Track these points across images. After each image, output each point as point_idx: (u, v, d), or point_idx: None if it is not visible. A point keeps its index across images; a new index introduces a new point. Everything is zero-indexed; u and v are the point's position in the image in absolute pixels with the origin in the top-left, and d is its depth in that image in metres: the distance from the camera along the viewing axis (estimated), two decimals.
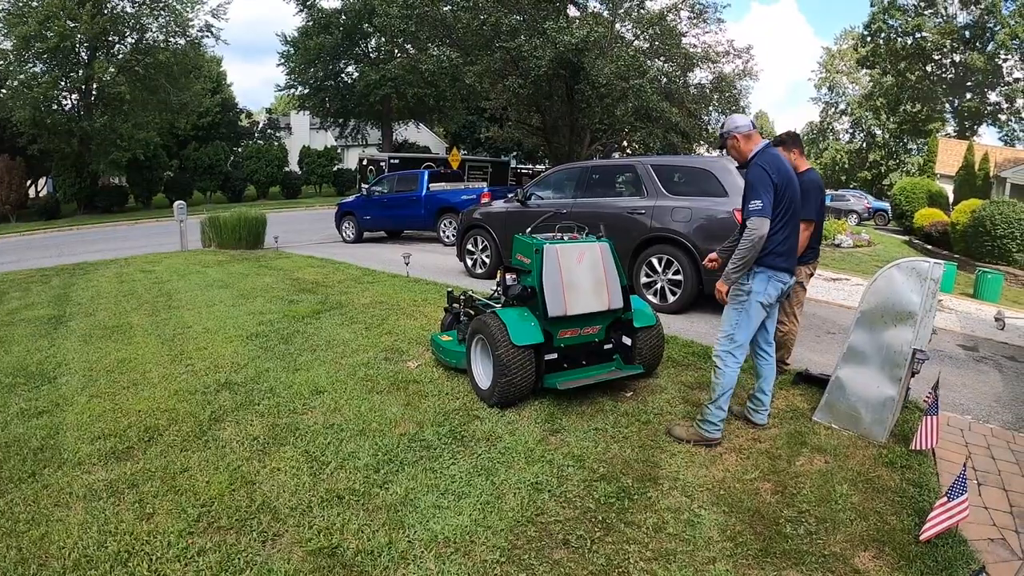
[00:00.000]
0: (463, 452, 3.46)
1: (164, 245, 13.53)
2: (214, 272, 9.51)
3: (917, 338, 3.64)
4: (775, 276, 3.53)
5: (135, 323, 6.39)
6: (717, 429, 3.54)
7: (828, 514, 2.91)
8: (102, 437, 3.61)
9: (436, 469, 3.26)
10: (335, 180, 35.71)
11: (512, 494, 3.02)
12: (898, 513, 2.95)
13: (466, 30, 17.85)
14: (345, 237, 14.99)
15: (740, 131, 3.59)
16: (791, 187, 3.54)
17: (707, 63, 21.98)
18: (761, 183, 3.40)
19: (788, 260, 3.58)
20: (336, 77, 33.19)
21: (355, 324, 6.12)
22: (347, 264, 10.27)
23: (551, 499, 2.99)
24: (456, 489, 3.07)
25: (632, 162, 7.92)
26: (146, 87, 25.05)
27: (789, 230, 3.56)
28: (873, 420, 3.70)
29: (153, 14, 25.38)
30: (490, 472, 3.23)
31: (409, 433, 3.66)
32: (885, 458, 3.47)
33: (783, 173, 3.49)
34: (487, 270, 9.12)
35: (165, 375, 4.70)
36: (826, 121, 52.90)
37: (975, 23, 32.20)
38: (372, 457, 3.36)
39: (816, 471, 3.31)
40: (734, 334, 3.53)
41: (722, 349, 3.56)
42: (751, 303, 3.51)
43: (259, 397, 4.21)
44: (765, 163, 3.46)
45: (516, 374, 3.88)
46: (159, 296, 7.73)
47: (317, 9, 31.63)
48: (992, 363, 5.87)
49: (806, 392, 4.43)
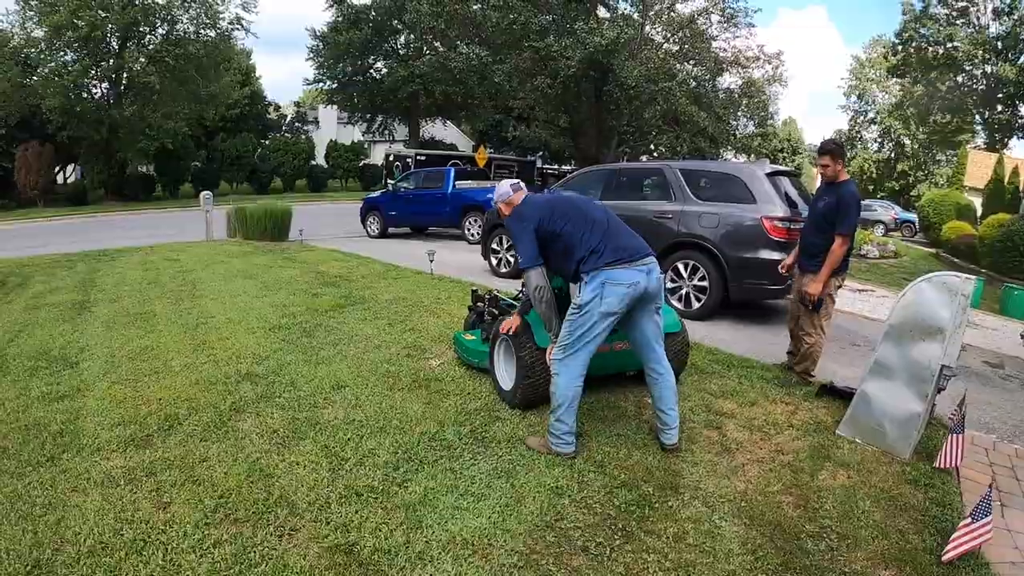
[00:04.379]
0: (484, 453, 3.40)
1: (189, 234, 13.65)
2: (238, 263, 9.55)
3: (945, 354, 3.57)
4: (613, 282, 3.26)
5: (158, 311, 6.41)
6: (565, 443, 3.34)
7: (850, 530, 2.87)
8: (122, 424, 3.60)
9: (456, 469, 3.21)
10: (361, 175, 35.86)
11: (532, 497, 2.97)
12: (920, 532, 2.90)
13: (495, 28, 17.80)
14: (370, 232, 15.00)
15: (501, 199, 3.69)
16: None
17: (737, 68, 21.78)
18: None
19: (616, 251, 3.33)
20: (364, 73, 33.37)
21: (378, 320, 6.09)
22: (371, 259, 10.27)
23: (571, 504, 2.93)
24: (476, 490, 3.02)
25: (660, 166, 7.87)
26: (176, 78, 25.33)
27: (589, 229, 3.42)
28: (898, 436, 3.64)
29: (184, 6, 25.66)
30: (510, 474, 3.17)
31: (430, 432, 3.60)
32: (909, 475, 3.42)
33: None
34: (512, 270, 9.09)
35: (187, 364, 4.69)
36: (855, 130, 52.07)
37: (1008, 34, 31.40)
38: (392, 455, 3.31)
39: (839, 486, 3.26)
40: (565, 343, 3.33)
41: (555, 358, 3.38)
42: (586, 313, 3.27)
43: (280, 390, 4.17)
44: None
45: (540, 376, 3.82)
46: (183, 285, 7.77)
47: (347, 5, 31.81)
48: (1018, 382, 5.75)
49: (830, 405, 4.34)
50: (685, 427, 3.82)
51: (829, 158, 4.60)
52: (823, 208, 4.58)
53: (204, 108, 27.97)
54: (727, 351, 5.58)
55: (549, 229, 3.44)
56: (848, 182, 4.62)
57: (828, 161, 4.61)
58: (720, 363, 5.21)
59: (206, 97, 26.91)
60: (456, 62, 18.15)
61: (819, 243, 4.58)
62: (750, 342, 6.11)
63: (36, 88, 23.75)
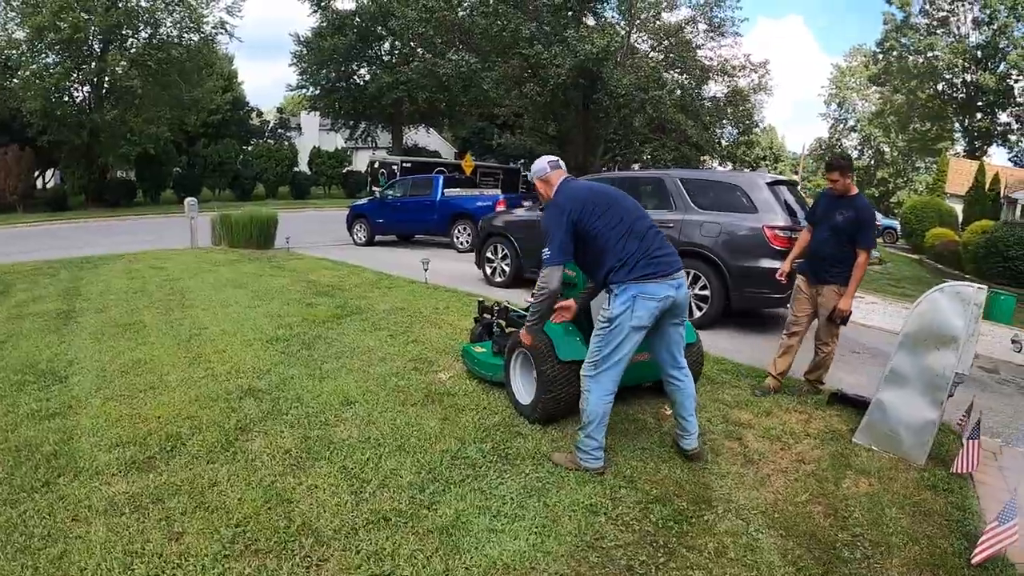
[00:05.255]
0: (510, 471, 3.26)
1: (172, 241, 13.32)
2: (226, 271, 9.30)
3: (960, 362, 3.64)
4: (644, 295, 3.15)
5: (148, 321, 6.17)
6: (594, 459, 3.26)
7: (881, 538, 2.90)
8: (120, 444, 3.37)
9: (484, 489, 3.06)
10: (344, 182, 35.57)
11: (567, 517, 2.87)
12: (947, 537, 2.94)
13: (484, 35, 17.72)
14: (356, 240, 14.84)
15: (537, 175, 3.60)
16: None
17: (723, 76, 21.90)
18: None
19: (649, 265, 3.20)
20: (348, 79, 33.11)
21: (378, 331, 5.91)
22: (361, 267, 10.09)
23: (607, 522, 2.85)
24: (509, 511, 2.88)
25: (660, 175, 7.84)
26: (158, 82, 24.87)
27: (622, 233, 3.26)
28: (914, 443, 3.69)
29: (168, 9, 25.23)
30: (541, 493, 3.05)
31: (451, 450, 3.45)
32: (927, 481, 3.46)
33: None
34: (507, 279, 8.97)
35: (184, 379, 4.46)
36: (835, 137, 52.88)
37: (987, 43, 32.14)
38: (415, 475, 3.14)
39: (863, 494, 3.28)
40: (596, 359, 3.23)
41: (584, 373, 3.29)
42: (616, 328, 3.16)
43: (286, 406, 3.97)
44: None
45: (561, 390, 3.73)
46: (171, 294, 7.51)
47: (332, 10, 31.57)
48: (1014, 386, 5.86)
49: (842, 413, 4.36)
50: (707, 438, 3.80)
51: (838, 173, 4.64)
52: (843, 222, 4.56)
53: (186, 113, 27.51)
54: (733, 360, 5.55)
55: (587, 226, 3.26)
56: (861, 195, 4.69)
57: (837, 176, 4.64)
58: (729, 372, 5.19)
59: (188, 102, 26.47)
60: (445, 69, 18.02)
61: (840, 255, 4.58)
62: (751, 350, 6.09)
63: (16, 91, 23.20)
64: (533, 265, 8.65)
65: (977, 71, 32.85)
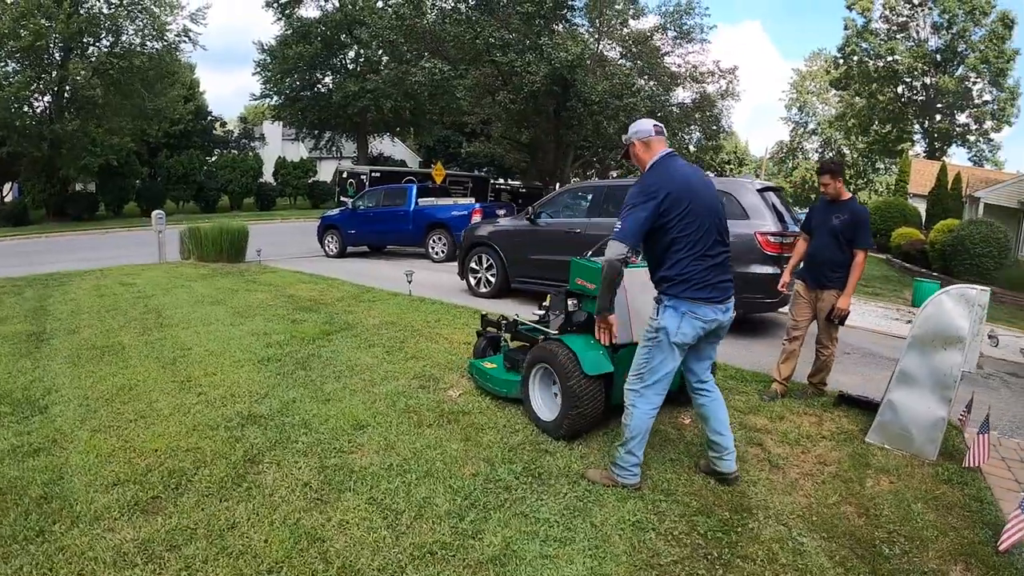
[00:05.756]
0: (546, 491, 3.13)
1: (139, 256, 12.78)
2: (200, 287, 8.91)
3: (966, 361, 3.83)
4: (694, 313, 3.04)
5: (126, 343, 5.80)
6: (632, 475, 3.18)
7: (913, 532, 3.00)
8: (118, 483, 3.06)
9: (526, 513, 2.91)
10: (310, 192, 35.05)
11: (617, 536, 2.80)
12: (971, 527, 3.08)
13: (455, 43, 17.56)
14: (328, 252, 14.52)
15: (639, 136, 3.22)
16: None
17: (692, 83, 22.11)
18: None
19: (706, 289, 3.05)
20: (313, 88, 32.60)
21: (374, 348, 5.67)
22: (339, 280, 9.80)
23: (657, 538, 2.81)
24: (557, 534, 2.77)
25: None
26: (120, 91, 24.06)
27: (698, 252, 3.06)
28: (925, 440, 3.84)
29: (130, 16, 24.46)
30: (584, 512, 2.96)
31: (481, 473, 3.27)
32: (942, 476, 3.60)
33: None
34: (492, 289, 8.79)
35: (176, 406, 4.15)
36: (795, 141, 54.03)
37: (946, 47, 33.28)
38: (450, 503, 2.95)
39: (888, 491, 3.39)
40: (643, 374, 3.13)
41: (628, 388, 3.18)
42: (663, 341, 3.06)
43: (294, 433, 3.70)
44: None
45: (588, 405, 3.63)
46: (146, 312, 7.12)
47: (296, 18, 31.06)
48: (998, 379, 6.11)
49: (848, 414, 4.46)
50: None
51: (829, 176, 4.72)
52: (840, 225, 4.62)
53: (149, 123, 26.70)
54: (735, 365, 5.57)
55: (666, 220, 3.01)
56: (854, 198, 4.80)
57: (828, 179, 4.73)
58: (734, 379, 5.19)
59: (151, 112, 25.66)
60: (417, 76, 17.78)
61: (839, 258, 4.64)
62: (748, 354, 6.12)
63: None
64: (520, 275, 8.49)
65: (936, 74, 33.99)
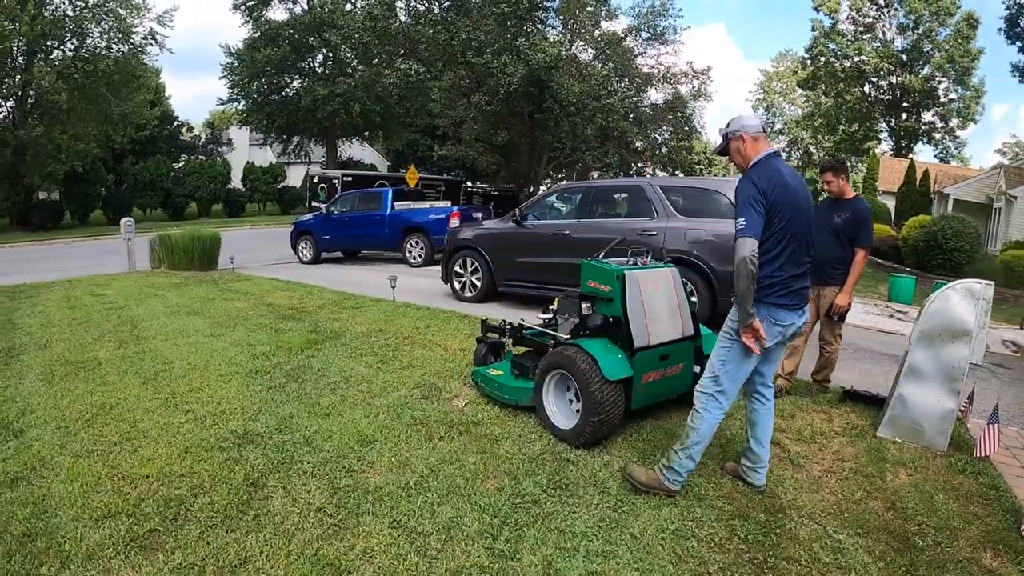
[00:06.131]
0: (577, 504, 3.01)
1: (107, 266, 12.29)
2: (174, 296, 8.54)
3: (972, 353, 3.96)
4: (774, 317, 2.99)
5: (102, 357, 5.46)
6: (680, 480, 3.09)
7: (941, 523, 3.06)
8: (109, 516, 2.78)
9: (561, 528, 2.78)
10: (280, 198, 34.44)
11: (659, 546, 2.72)
12: (993, 515, 3.16)
13: (429, 44, 17.32)
14: (302, 258, 14.19)
15: (748, 131, 3.07)
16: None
17: (665, 83, 22.17)
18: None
19: (789, 296, 3.00)
20: (281, 91, 31.99)
21: (366, 357, 5.43)
22: (318, 287, 9.53)
23: (700, 545, 2.75)
24: (598, 549, 2.65)
25: (640, 182, 7.79)
26: (85, 96, 23.28)
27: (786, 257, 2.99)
28: (935, 432, 3.92)
29: (95, 19, 23.65)
30: (620, 523, 2.86)
31: (506, 487, 3.09)
32: (956, 466, 3.68)
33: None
34: (478, 294, 8.58)
35: (163, 426, 3.85)
36: None
37: (912, 47, 34.08)
38: (480, 521, 2.76)
39: (908, 484, 3.44)
40: (719, 378, 3.03)
41: (701, 391, 3.07)
42: (740, 343, 2.98)
43: (297, 452, 3.45)
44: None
45: (609, 411, 3.51)
46: (120, 324, 6.76)
47: (264, 21, 30.44)
48: (986, 371, 6.17)
49: (855, 409, 4.49)
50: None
51: (832, 174, 4.78)
52: (842, 224, 4.66)
53: (115, 129, 25.87)
54: None
55: (767, 219, 2.91)
56: (859, 197, 4.81)
57: (831, 177, 4.78)
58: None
59: (117, 117, 24.84)
60: (392, 78, 17.46)
61: (840, 256, 4.68)
62: None
63: None
64: (507, 279, 8.30)
65: (903, 74, 34.79)
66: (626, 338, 3.70)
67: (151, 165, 29.71)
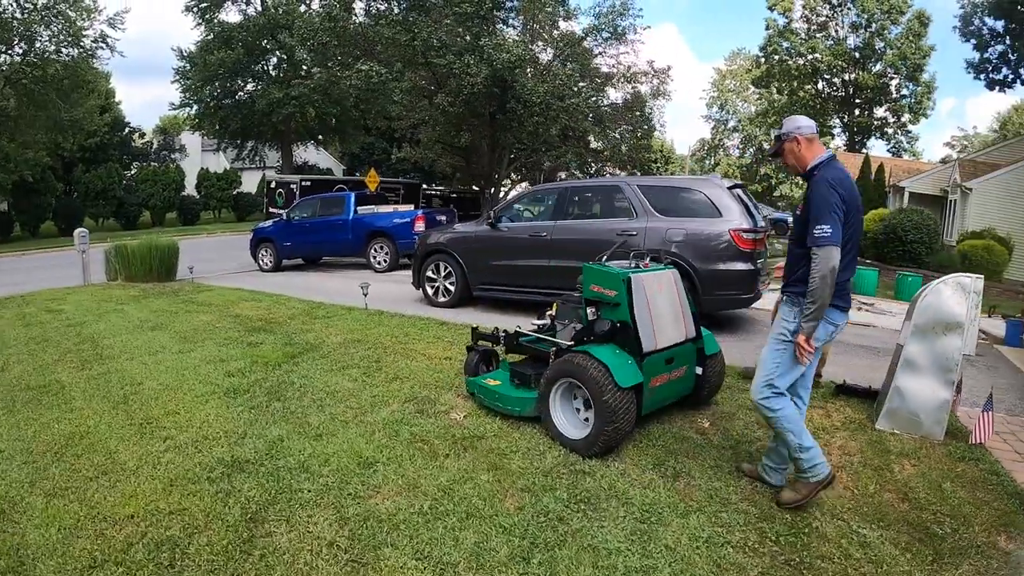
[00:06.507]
0: (604, 518, 2.92)
1: (61, 279, 11.62)
2: (134, 310, 8.12)
3: (965, 344, 4.10)
4: (832, 318, 3.05)
5: (65, 380, 5.09)
6: (821, 464, 3.06)
7: (954, 510, 3.14)
8: (96, 566, 2.51)
9: (594, 546, 2.69)
10: (235, 205, 33.56)
11: (697, 556, 2.70)
12: (999, 499, 3.27)
13: (390, 44, 16.99)
14: (262, 266, 13.74)
15: (802, 132, 3.08)
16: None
17: (625, 83, 22.27)
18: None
19: (843, 297, 3.08)
20: (234, 95, 31.12)
21: (348, 370, 5.21)
22: (285, 296, 9.20)
23: (736, 551, 2.74)
24: (637, 564, 2.59)
25: (618, 183, 7.80)
26: (34, 102, 22.22)
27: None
28: (932, 422, 4.03)
29: (44, 21, 22.55)
30: (652, 535, 2.81)
31: (527, 505, 2.97)
32: (955, 455, 3.79)
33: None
34: (452, 299, 8.38)
35: (142, 456, 3.56)
36: (717, 138, 55.74)
37: (865, 45, 35.14)
38: (507, 545, 2.62)
39: (916, 475, 3.51)
40: (773, 380, 3.04)
41: (760, 398, 3.08)
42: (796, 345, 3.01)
43: (294, 479, 3.21)
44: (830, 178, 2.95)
45: (623, 419, 3.45)
46: (81, 342, 6.35)
47: (217, 23, 29.56)
48: (964, 358, 6.40)
49: (849, 403, 4.56)
50: (754, 445, 3.86)
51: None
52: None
53: (64, 135, 24.75)
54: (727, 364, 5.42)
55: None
56: None
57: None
58: (731, 376, 5.10)
59: (67, 123, 23.75)
60: (353, 80, 17.07)
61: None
62: (730, 350, 5.96)
63: None
64: (481, 283, 8.14)
65: (855, 71, 35.82)
66: (634, 343, 3.63)
67: (103, 173, 28.60)
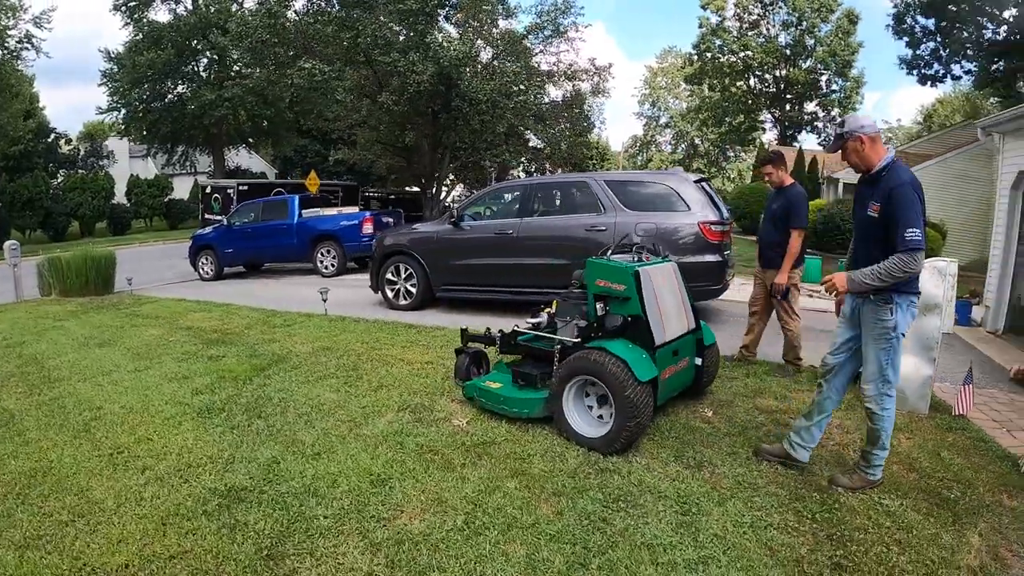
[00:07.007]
0: (646, 514, 2.90)
1: None
2: (75, 326, 7.54)
3: (943, 323, 4.45)
4: (913, 304, 3.11)
5: (13, 408, 4.58)
6: (881, 468, 3.23)
7: (958, 475, 3.33)
8: None
9: (645, 542, 2.65)
10: (167, 212, 32.11)
11: (746, 541, 2.71)
12: (993, 462, 3.53)
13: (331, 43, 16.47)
14: (203, 274, 13.14)
15: (866, 132, 3.05)
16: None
17: (565, 80, 22.30)
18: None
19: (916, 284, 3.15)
20: (164, 97, 29.67)
21: (327, 380, 4.95)
22: (235, 305, 8.82)
23: (781, 533, 2.78)
24: (694, 556, 2.58)
25: (585, 178, 7.78)
26: None
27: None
28: (917, 397, 4.30)
29: None
30: (697, 526, 2.81)
31: (565, 510, 2.87)
32: (943, 426, 4.06)
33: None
34: (413, 301, 8.16)
35: (120, 492, 3.15)
36: (650, 134, 56.88)
37: (795, 42, 36.62)
38: (561, 554, 2.50)
39: (914, 446, 3.72)
40: (887, 374, 3.10)
41: (875, 393, 3.12)
42: (897, 338, 3.07)
43: (305, 506, 2.93)
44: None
45: (644, 413, 3.42)
46: (25, 365, 5.79)
47: (146, 23, 28.07)
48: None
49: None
50: (760, 430, 3.94)
51: (771, 166, 5.13)
52: (778, 210, 5.03)
53: None
54: None
55: None
56: (795, 184, 5.16)
57: (771, 169, 5.13)
58: (721, 366, 5.09)
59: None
60: (296, 79, 16.44)
61: (777, 239, 5.03)
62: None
63: None
64: (445, 283, 7.94)
65: (786, 67, 37.27)
66: (646, 336, 3.61)
67: (28, 182, 26.70)
